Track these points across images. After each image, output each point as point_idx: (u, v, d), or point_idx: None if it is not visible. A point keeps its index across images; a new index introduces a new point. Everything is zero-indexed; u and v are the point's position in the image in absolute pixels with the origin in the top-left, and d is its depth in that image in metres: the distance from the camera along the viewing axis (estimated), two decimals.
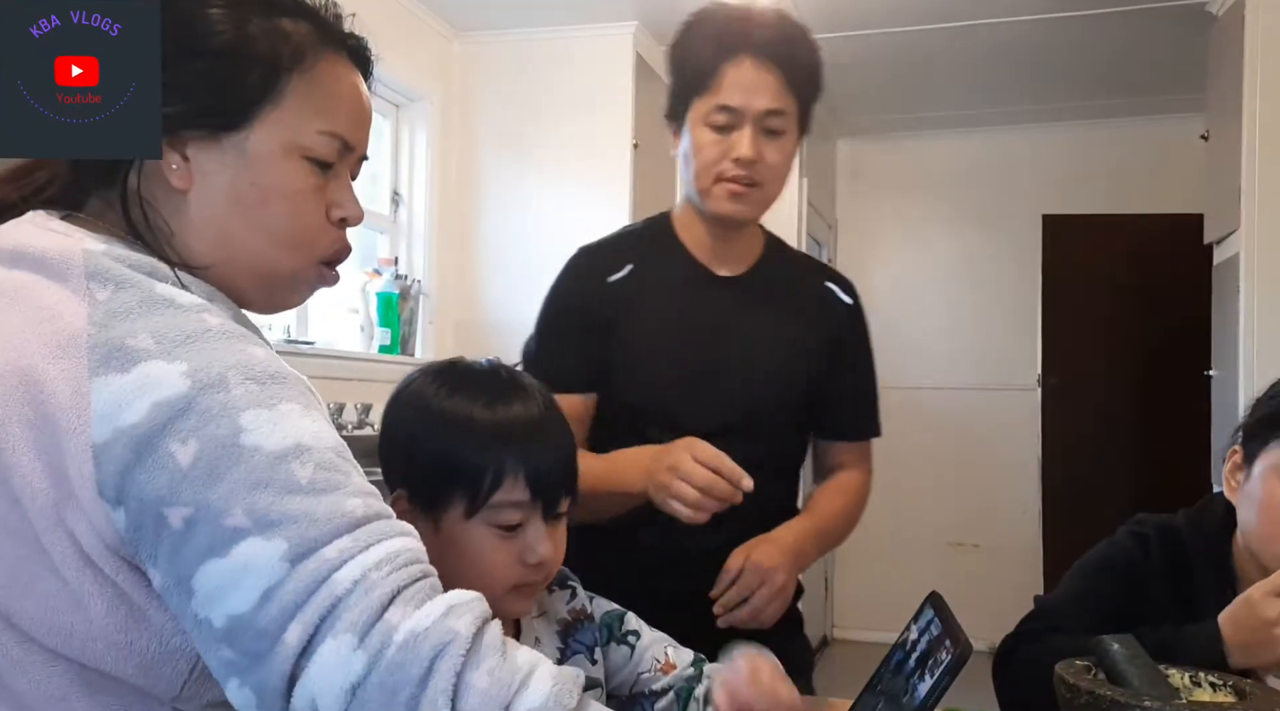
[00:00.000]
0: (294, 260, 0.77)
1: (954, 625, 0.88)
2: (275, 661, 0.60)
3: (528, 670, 0.63)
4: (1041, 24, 3.60)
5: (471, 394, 0.91)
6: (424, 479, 0.89)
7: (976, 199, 4.97)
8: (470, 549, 0.88)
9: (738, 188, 1.26)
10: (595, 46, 3.66)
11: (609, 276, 1.33)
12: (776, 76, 1.24)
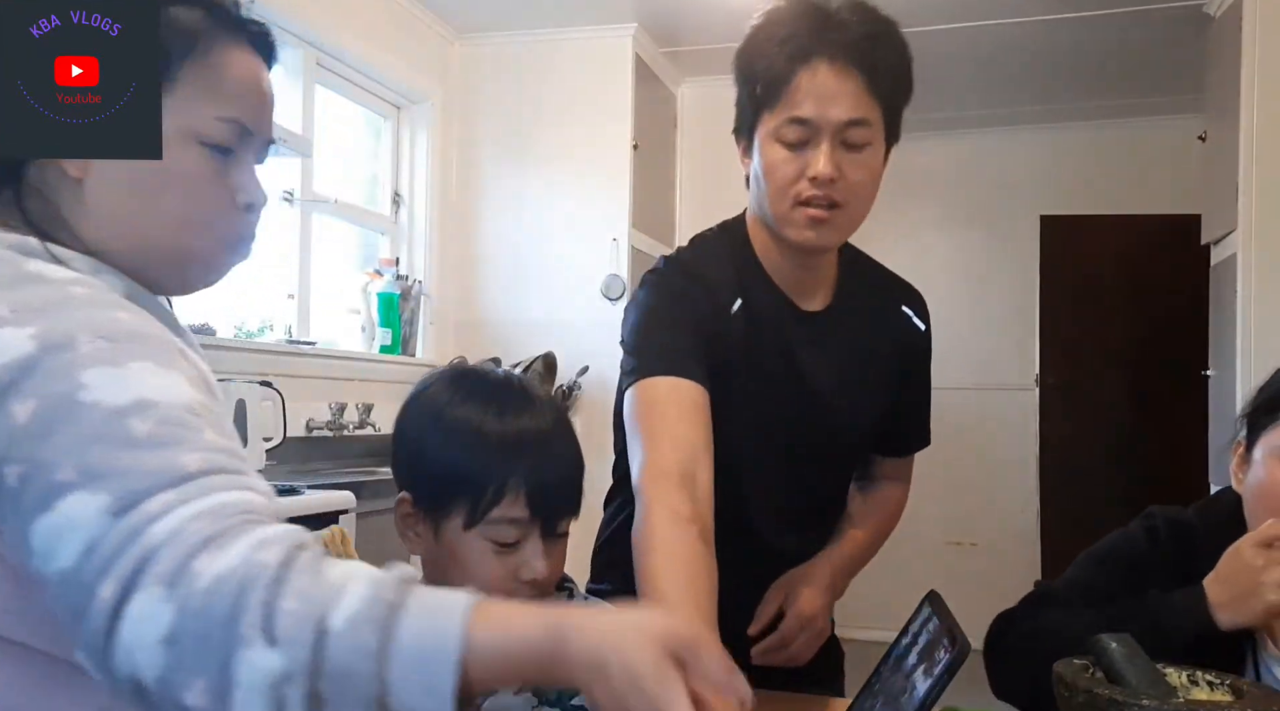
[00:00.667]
0: (198, 243, 0.77)
1: (952, 624, 0.89)
2: (93, 618, 0.58)
3: (342, 581, 0.58)
4: (1039, 25, 3.61)
5: (483, 403, 0.90)
6: (428, 485, 0.90)
7: (974, 200, 4.98)
8: (466, 560, 0.88)
9: (818, 213, 1.10)
10: (595, 48, 3.66)
11: (729, 305, 1.18)
12: (857, 81, 1.08)
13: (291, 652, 0.55)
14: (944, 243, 5.03)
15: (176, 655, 0.56)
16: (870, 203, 1.18)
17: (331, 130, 3.36)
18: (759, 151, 1.13)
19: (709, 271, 1.20)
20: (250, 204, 0.79)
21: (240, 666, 0.55)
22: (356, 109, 3.52)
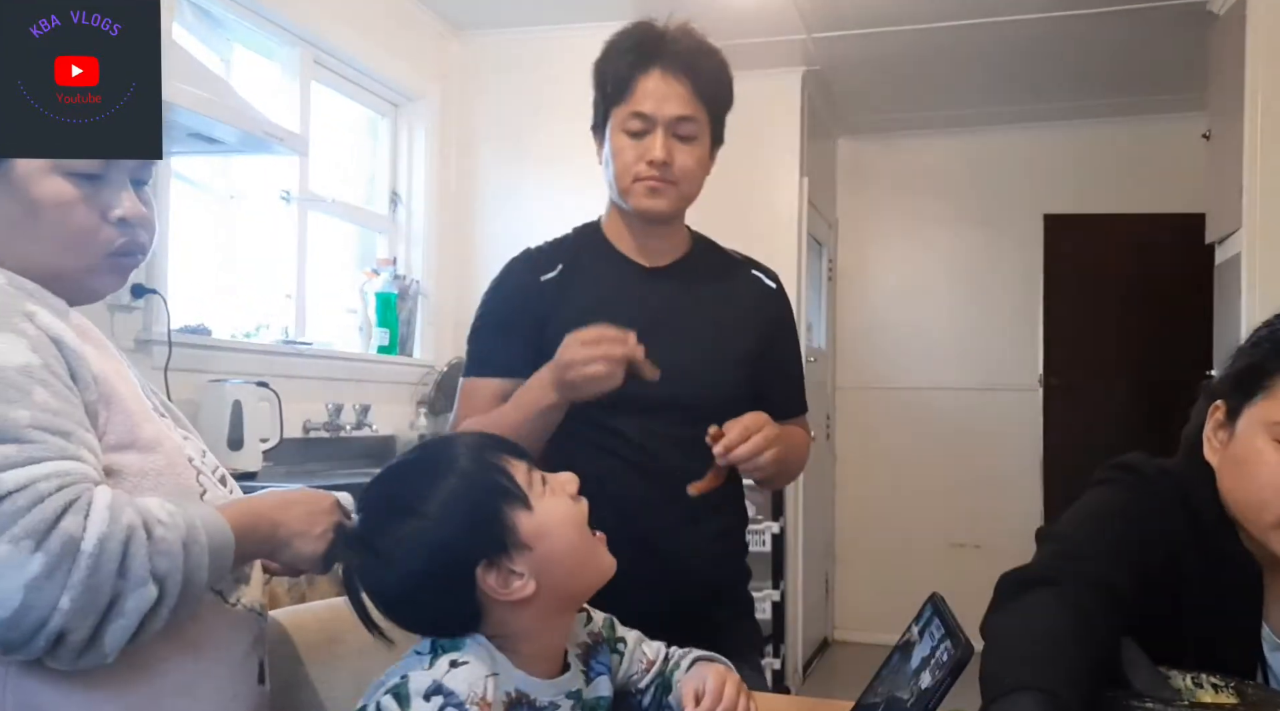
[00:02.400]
0: (79, 260, 0.85)
1: (956, 626, 0.88)
2: None
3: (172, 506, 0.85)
4: (1043, 23, 3.59)
5: None
6: None
7: (978, 198, 4.96)
8: None
9: (655, 183, 1.37)
10: (594, 45, 3.64)
11: (542, 275, 1.43)
12: (685, 86, 1.36)
13: (167, 585, 0.81)
14: (947, 241, 5.02)
15: (37, 596, 0.74)
16: (699, 185, 1.43)
17: (329, 128, 3.35)
18: (609, 140, 1.41)
19: (534, 254, 1.48)
20: (122, 218, 0.84)
21: (129, 602, 0.79)
22: (354, 107, 3.51)
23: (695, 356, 1.38)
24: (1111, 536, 1.10)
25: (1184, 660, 1.03)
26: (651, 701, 1.05)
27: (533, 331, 1.39)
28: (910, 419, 4.79)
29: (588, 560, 0.92)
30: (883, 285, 5.02)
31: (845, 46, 3.80)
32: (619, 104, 1.38)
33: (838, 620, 5.04)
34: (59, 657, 0.79)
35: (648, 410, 1.32)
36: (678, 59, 1.36)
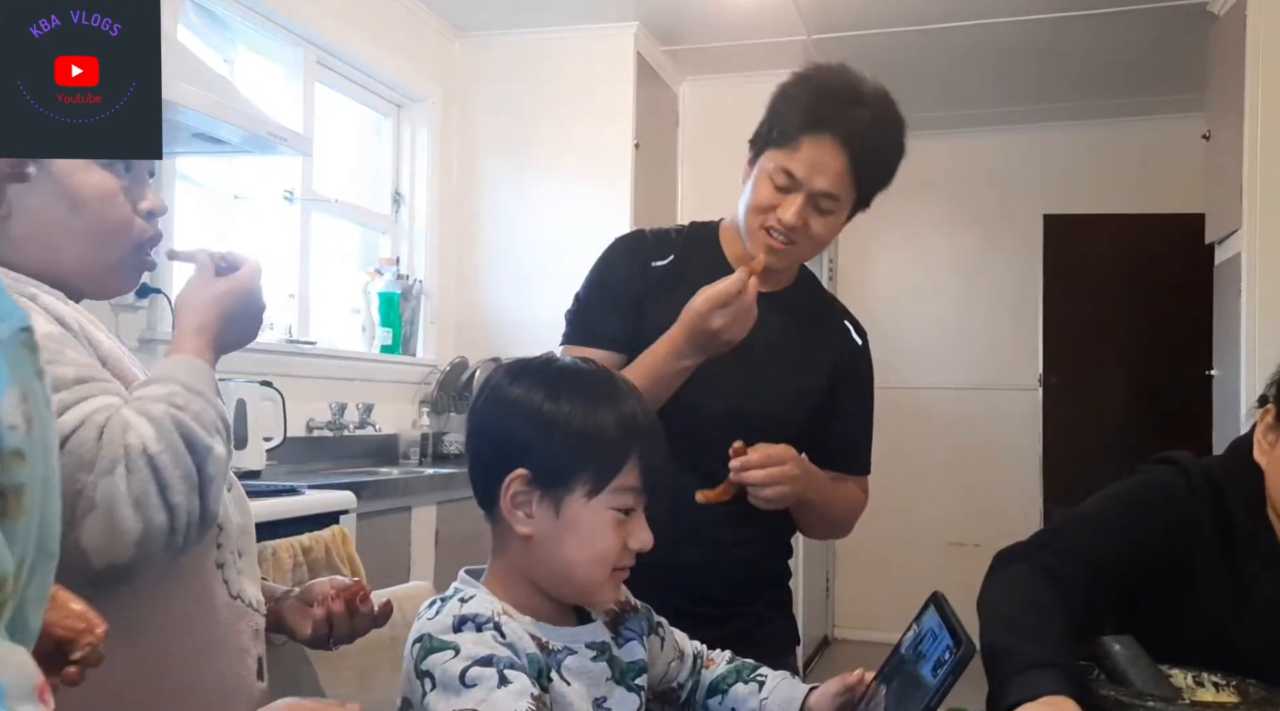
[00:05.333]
0: (110, 254, 0.89)
1: (957, 625, 0.88)
2: None
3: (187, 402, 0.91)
4: (1042, 24, 3.60)
5: (589, 393, 0.96)
6: (552, 458, 0.93)
7: (977, 199, 4.97)
8: (591, 530, 0.93)
9: (776, 243, 1.34)
10: (596, 46, 3.66)
11: (653, 261, 1.43)
12: (845, 164, 1.30)
13: (224, 435, 0.92)
14: (946, 241, 5.03)
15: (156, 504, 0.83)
16: (822, 249, 1.43)
17: (332, 129, 3.36)
18: (755, 175, 1.36)
19: (648, 237, 1.46)
20: (150, 210, 0.88)
21: (210, 466, 0.88)
22: (357, 107, 3.52)
23: (764, 381, 1.39)
24: (1112, 516, 1.18)
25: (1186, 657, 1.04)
26: (688, 697, 1.09)
27: (633, 310, 1.40)
28: (910, 418, 4.80)
29: (582, 581, 0.94)
30: (882, 286, 5.02)
31: (845, 47, 3.80)
32: (777, 149, 1.32)
33: (838, 618, 5.05)
34: (190, 543, 0.87)
35: (709, 417, 1.34)
36: (852, 137, 1.29)
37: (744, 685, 1.08)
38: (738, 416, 1.36)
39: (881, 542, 4.84)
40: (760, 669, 1.10)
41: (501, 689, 0.83)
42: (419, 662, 0.87)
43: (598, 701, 0.94)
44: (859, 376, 1.49)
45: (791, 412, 1.41)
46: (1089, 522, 1.18)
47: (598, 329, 1.41)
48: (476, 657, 0.85)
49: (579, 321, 1.45)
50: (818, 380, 1.43)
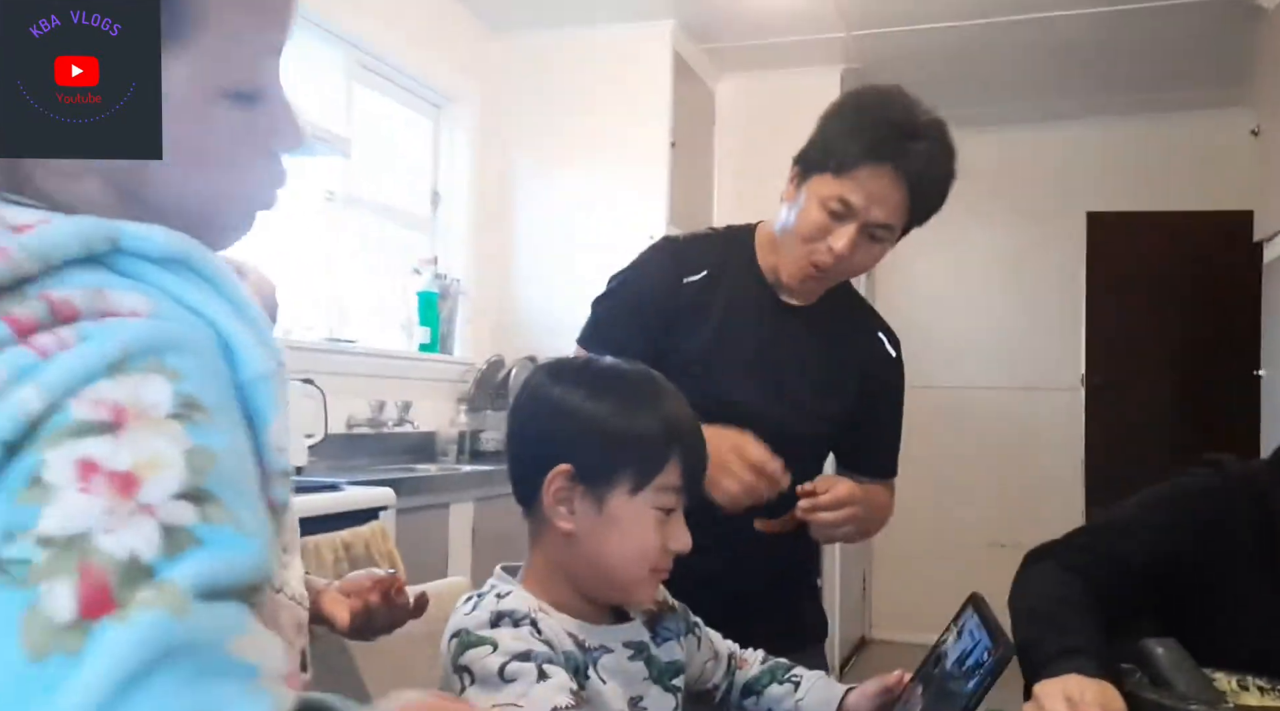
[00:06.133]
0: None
1: (996, 626, 0.88)
2: None
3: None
4: (1086, 18, 3.55)
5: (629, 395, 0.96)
6: (596, 453, 0.93)
7: (1018, 197, 4.90)
8: (633, 527, 0.93)
9: (816, 273, 1.34)
10: (633, 45, 3.66)
11: (685, 276, 1.40)
12: (904, 197, 1.29)
13: None
14: (987, 240, 4.97)
15: None
16: (858, 275, 1.41)
17: (372, 130, 3.39)
18: (804, 198, 1.33)
19: (682, 250, 1.44)
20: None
21: None
22: (396, 108, 3.55)
23: (794, 390, 1.39)
24: (1147, 518, 1.19)
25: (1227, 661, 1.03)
26: (723, 698, 1.09)
27: (659, 327, 1.39)
28: (951, 418, 4.75)
29: (622, 579, 0.95)
30: (922, 285, 4.98)
31: (884, 44, 3.77)
32: (834, 177, 1.29)
33: (874, 619, 5.01)
34: None
35: (739, 422, 1.33)
36: (913, 170, 1.28)
37: (779, 685, 1.08)
38: (764, 426, 1.34)
39: (920, 543, 4.79)
40: (795, 669, 1.10)
41: (541, 683, 0.83)
42: (456, 657, 0.87)
43: (634, 700, 0.94)
44: (891, 388, 1.49)
45: (814, 428, 1.42)
46: (1123, 524, 1.19)
47: (613, 340, 1.38)
48: (515, 652, 0.85)
49: (597, 330, 1.44)
50: (843, 399, 1.43)
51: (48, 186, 0.55)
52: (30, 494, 0.42)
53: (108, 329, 0.46)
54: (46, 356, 0.45)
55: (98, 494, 0.42)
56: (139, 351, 0.46)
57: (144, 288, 0.49)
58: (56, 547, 0.41)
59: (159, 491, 0.44)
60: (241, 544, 0.45)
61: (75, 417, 0.44)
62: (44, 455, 0.43)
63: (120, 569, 0.41)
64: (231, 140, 0.58)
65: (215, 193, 0.59)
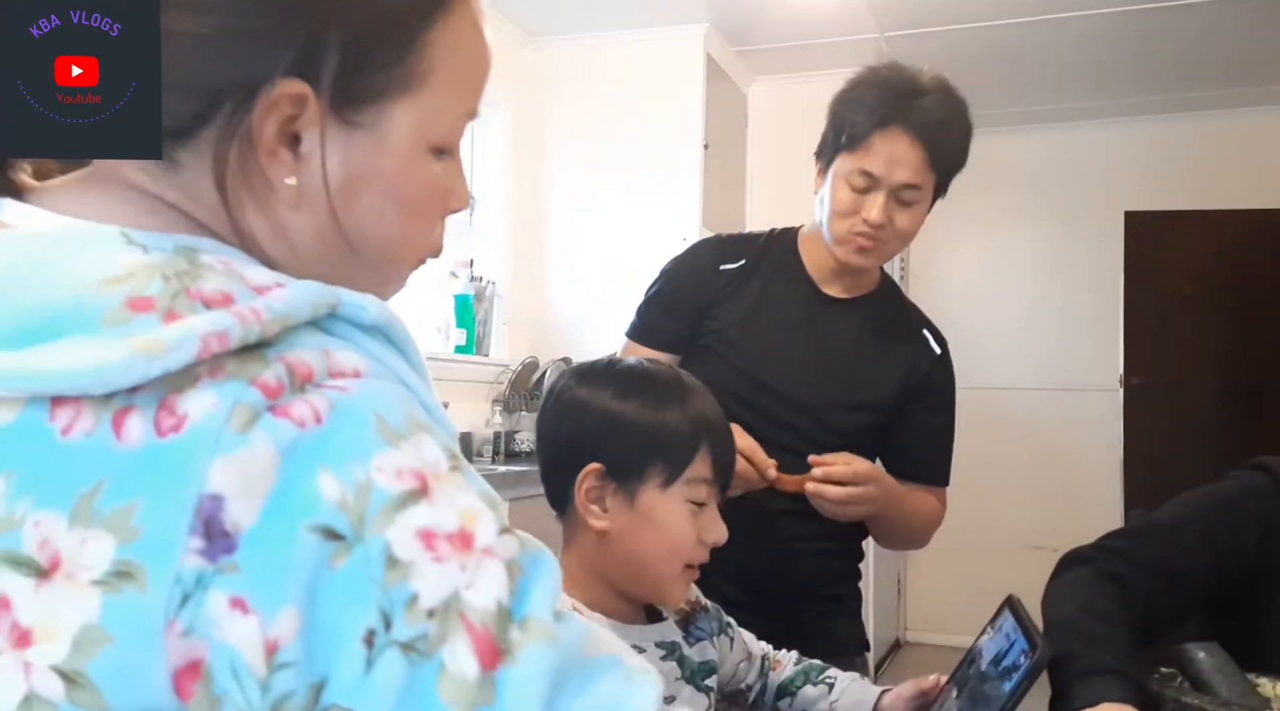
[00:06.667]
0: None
1: (1032, 630, 0.88)
2: None
3: None
4: (1126, 15, 3.51)
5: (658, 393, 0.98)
6: (625, 450, 0.95)
7: (1055, 196, 4.85)
8: (666, 520, 0.94)
9: (865, 242, 1.35)
10: (666, 49, 3.67)
11: (722, 264, 1.45)
12: (922, 153, 1.31)
13: None
14: (1022, 240, 4.93)
15: None
16: (908, 242, 1.41)
17: None
18: (830, 184, 1.36)
19: (721, 242, 1.49)
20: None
21: None
22: None
23: (832, 386, 1.40)
24: (1191, 523, 1.16)
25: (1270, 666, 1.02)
26: (756, 699, 1.10)
27: (696, 313, 1.43)
28: (986, 419, 4.71)
29: (656, 575, 0.95)
30: (957, 285, 4.94)
31: (919, 45, 3.75)
32: (850, 153, 1.33)
33: (909, 621, 4.98)
34: None
35: (776, 418, 1.36)
36: (922, 127, 1.31)
37: (813, 687, 1.09)
38: (798, 423, 1.37)
39: (955, 545, 4.76)
40: (829, 670, 1.11)
41: None
42: None
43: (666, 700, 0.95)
44: (937, 388, 1.47)
45: (852, 420, 1.41)
46: (1164, 529, 1.15)
47: (655, 328, 1.46)
48: None
49: (641, 318, 1.50)
50: (880, 396, 1.42)
51: (262, 218, 0.55)
52: (393, 575, 0.43)
53: (356, 399, 0.46)
54: (305, 428, 0.44)
55: (448, 558, 0.44)
56: (398, 416, 0.47)
57: (357, 349, 0.50)
58: (439, 616, 0.43)
59: (487, 537, 0.46)
60: (545, 559, 0.48)
61: (390, 493, 0.44)
62: (385, 536, 0.43)
63: (494, 618, 0.44)
64: (428, 192, 0.60)
65: (403, 239, 0.60)
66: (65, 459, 0.43)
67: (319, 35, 0.52)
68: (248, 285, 0.48)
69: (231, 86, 0.52)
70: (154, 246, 0.49)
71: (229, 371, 0.44)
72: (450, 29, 0.58)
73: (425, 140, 0.58)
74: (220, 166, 0.53)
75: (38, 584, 0.42)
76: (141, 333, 0.43)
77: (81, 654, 0.41)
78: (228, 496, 0.42)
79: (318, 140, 0.54)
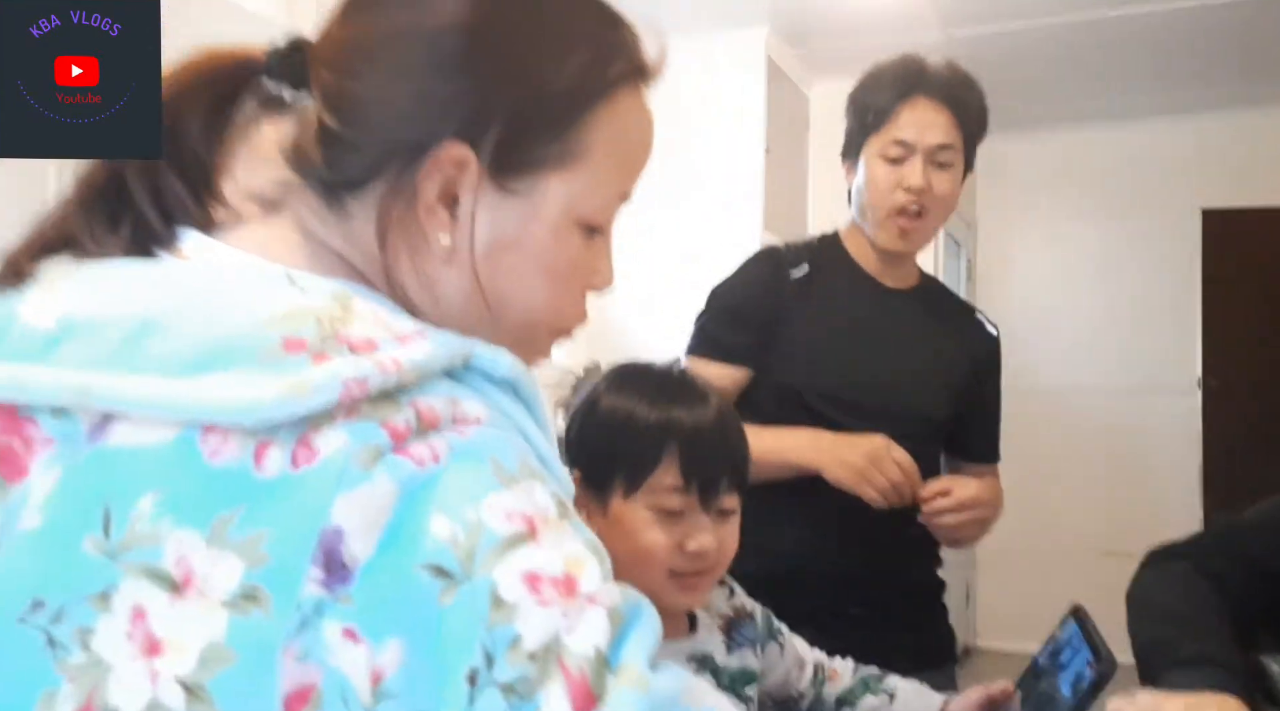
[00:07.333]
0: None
1: (1098, 640, 0.87)
2: None
3: None
4: (1204, 7, 3.41)
5: (640, 390, 0.96)
6: (590, 460, 0.94)
7: (1127, 194, 4.73)
8: (632, 528, 0.91)
9: (906, 223, 1.39)
10: (727, 52, 3.67)
11: (792, 272, 1.45)
12: (948, 115, 1.38)
13: None
14: (1094, 238, 4.81)
15: None
16: (948, 214, 1.46)
17: None
18: (864, 167, 1.41)
19: (779, 251, 1.50)
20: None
21: None
22: None
23: (913, 374, 1.42)
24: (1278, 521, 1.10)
25: None
26: (810, 707, 1.08)
27: (768, 323, 1.42)
28: (1058, 421, 4.61)
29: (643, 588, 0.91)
30: (1026, 285, 4.84)
31: (984, 42, 3.69)
32: (878, 131, 1.39)
33: (979, 627, 4.90)
34: None
35: (861, 413, 1.36)
36: (941, 89, 1.38)
37: (874, 696, 1.07)
38: (887, 414, 1.37)
39: (1027, 550, 4.66)
40: (887, 679, 1.09)
41: None
42: None
43: None
44: (996, 370, 1.53)
45: (934, 405, 1.42)
46: (1259, 529, 1.12)
47: (724, 343, 1.42)
48: None
49: (701, 334, 1.47)
50: (959, 372, 1.45)
51: (413, 270, 0.58)
52: (498, 615, 0.44)
53: (473, 443, 0.48)
54: (423, 467, 0.46)
55: (552, 601, 0.45)
56: (513, 461, 0.49)
57: (483, 399, 0.52)
58: (539, 659, 0.44)
59: (591, 583, 0.47)
60: (645, 610, 0.49)
61: (499, 535, 0.46)
62: (492, 576, 0.45)
63: (590, 664, 0.44)
64: (571, 264, 0.62)
65: (542, 306, 0.63)
66: (210, 483, 0.45)
67: (489, 105, 0.56)
68: (392, 333, 0.50)
69: (407, 145, 0.56)
70: (312, 289, 0.52)
71: (363, 413, 0.46)
72: (613, 112, 0.62)
73: (575, 214, 0.61)
74: (384, 217, 0.57)
75: (172, 598, 0.45)
76: (293, 372, 0.46)
77: (206, 669, 0.44)
78: (348, 530, 0.44)
79: (473, 202, 0.57)
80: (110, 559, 0.45)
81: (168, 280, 0.53)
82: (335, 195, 0.58)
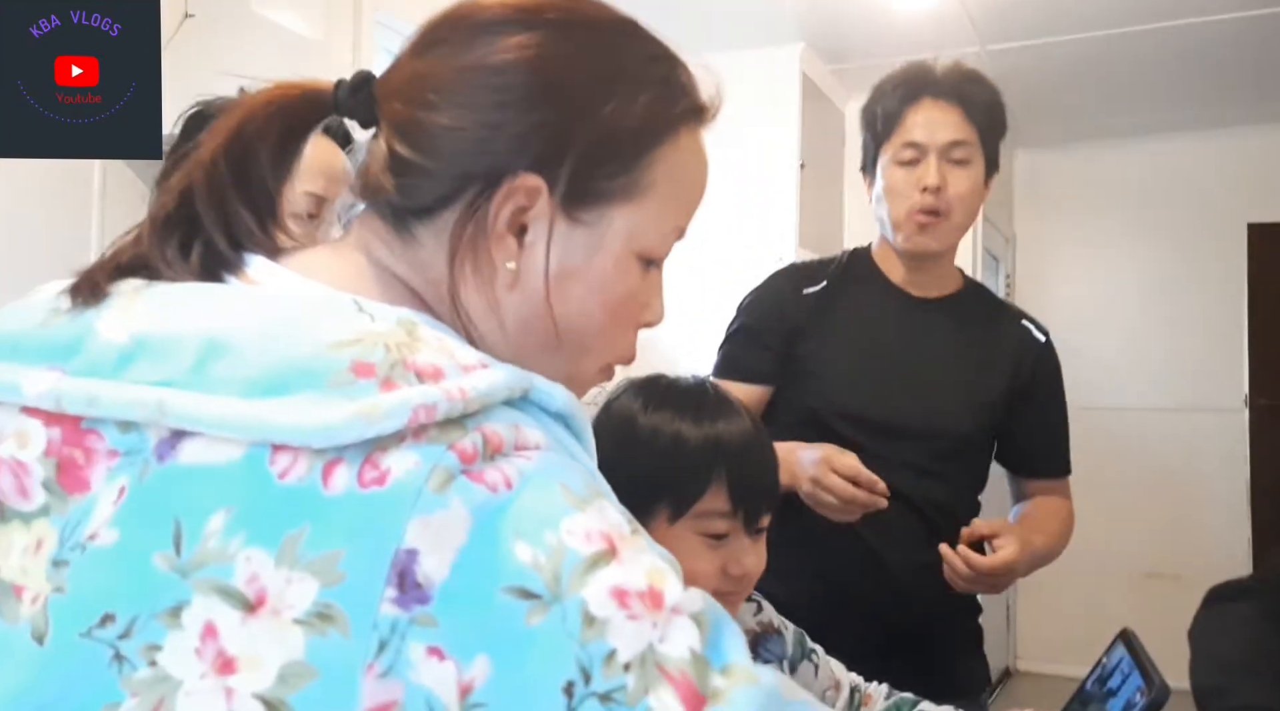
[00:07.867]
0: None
1: (1149, 666, 0.84)
2: None
3: None
4: (1244, 20, 3.35)
5: (679, 408, 0.93)
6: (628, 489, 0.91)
7: (1170, 209, 4.66)
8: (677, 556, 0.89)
9: (924, 219, 1.36)
10: (762, 69, 3.67)
11: (805, 288, 1.45)
12: (957, 112, 1.37)
13: None
14: (1136, 254, 4.74)
15: None
16: (972, 214, 1.41)
17: None
18: (881, 175, 1.41)
19: (801, 267, 1.50)
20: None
21: None
22: None
23: (942, 390, 1.38)
24: None
25: None
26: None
27: (785, 341, 1.41)
28: (1100, 440, 4.53)
29: None
30: (1065, 301, 4.78)
31: (1023, 57, 3.66)
32: (889, 138, 1.39)
33: (1020, 650, 4.81)
34: None
35: (888, 433, 1.33)
36: (946, 87, 1.37)
37: None
38: (915, 433, 1.34)
39: (1068, 571, 4.55)
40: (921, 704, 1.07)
41: None
42: None
43: None
44: (1048, 376, 1.46)
45: (970, 421, 1.38)
46: None
47: (745, 363, 1.43)
48: None
49: (727, 355, 1.47)
50: (998, 385, 1.40)
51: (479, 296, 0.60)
52: (590, 632, 0.45)
53: (540, 468, 0.50)
54: (496, 493, 0.48)
55: (641, 615, 0.47)
56: (580, 484, 0.51)
57: (541, 427, 0.54)
58: (635, 669, 0.45)
59: (674, 595, 0.48)
60: (724, 612, 0.50)
61: (582, 555, 0.47)
62: (582, 595, 0.46)
63: (692, 666, 0.46)
64: (629, 296, 0.65)
65: (600, 334, 0.65)
66: (279, 501, 0.47)
67: (564, 138, 0.59)
68: (457, 362, 0.51)
69: (482, 174, 0.58)
70: (380, 316, 0.53)
71: (430, 436, 0.48)
72: (676, 150, 0.65)
73: (636, 245, 0.63)
74: (455, 244, 0.59)
75: (244, 617, 0.45)
76: (362, 396, 0.47)
77: (287, 685, 0.44)
78: (421, 550, 0.45)
79: (544, 231, 0.59)
80: (181, 576, 0.46)
81: (237, 304, 0.54)
82: (404, 222, 0.60)
